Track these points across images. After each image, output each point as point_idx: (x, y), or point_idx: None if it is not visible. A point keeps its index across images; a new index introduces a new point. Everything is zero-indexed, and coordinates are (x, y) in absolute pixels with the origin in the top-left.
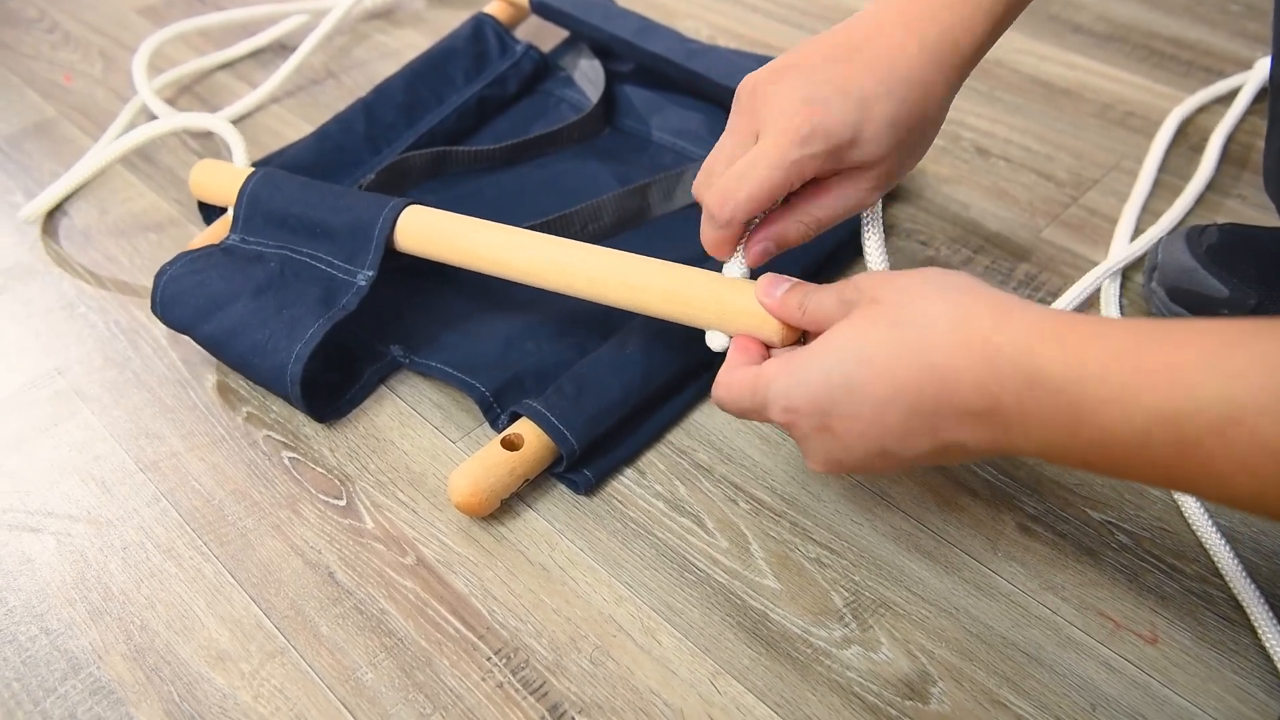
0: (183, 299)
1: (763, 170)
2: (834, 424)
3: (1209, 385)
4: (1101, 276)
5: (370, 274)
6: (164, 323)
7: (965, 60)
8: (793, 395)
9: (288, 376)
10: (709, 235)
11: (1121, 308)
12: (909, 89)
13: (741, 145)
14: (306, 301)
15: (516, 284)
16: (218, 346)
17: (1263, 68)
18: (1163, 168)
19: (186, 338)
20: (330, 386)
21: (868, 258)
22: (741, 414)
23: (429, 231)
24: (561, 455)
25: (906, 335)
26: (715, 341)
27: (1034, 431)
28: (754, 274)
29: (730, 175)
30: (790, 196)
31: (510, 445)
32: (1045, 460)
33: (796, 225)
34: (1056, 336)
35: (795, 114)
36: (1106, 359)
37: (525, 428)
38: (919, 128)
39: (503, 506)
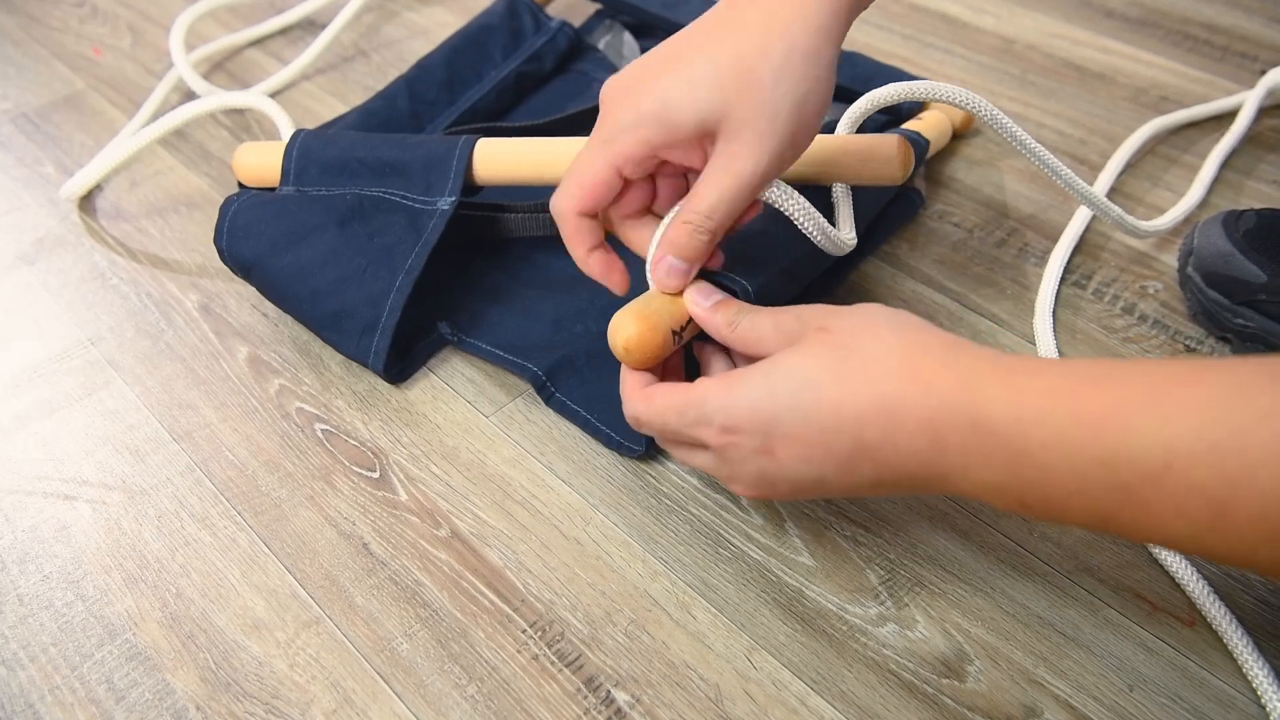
0: (258, 228)
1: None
2: (776, 445)
3: (1145, 430)
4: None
5: (452, 199)
6: (226, 258)
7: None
8: (734, 412)
9: (388, 305)
10: (579, 259)
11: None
12: (790, 61)
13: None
14: (396, 229)
15: (563, 265)
16: (295, 280)
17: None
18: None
19: (218, 307)
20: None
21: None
22: (663, 434)
23: (505, 158)
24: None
25: (857, 366)
26: None
27: (974, 471)
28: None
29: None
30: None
31: None
32: (983, 503)
33: (681, 226)
34: (1000, 376)
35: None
36: (1047, 400)
37: None
38: (805, 96)
39: (535, 481)
